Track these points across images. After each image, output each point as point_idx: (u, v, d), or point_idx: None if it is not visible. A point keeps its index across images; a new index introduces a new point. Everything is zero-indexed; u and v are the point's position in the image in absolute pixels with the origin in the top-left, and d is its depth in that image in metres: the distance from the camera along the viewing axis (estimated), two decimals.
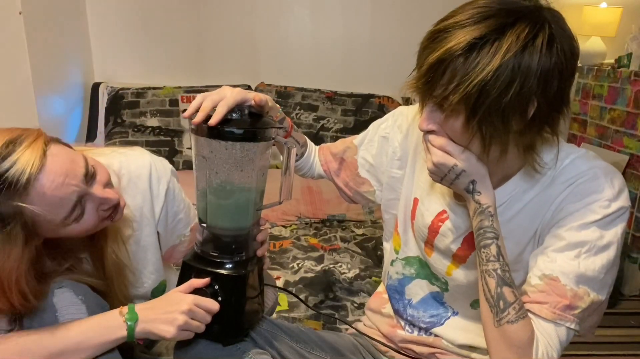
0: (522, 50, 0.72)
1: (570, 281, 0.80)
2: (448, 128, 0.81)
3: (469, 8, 0.76)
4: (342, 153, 1.15)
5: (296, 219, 2.14)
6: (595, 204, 0.81)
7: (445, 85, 0.75)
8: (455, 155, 0.81)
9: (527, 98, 0.74)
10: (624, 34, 2.56)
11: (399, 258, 1.08)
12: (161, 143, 2.52)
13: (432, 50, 0.76)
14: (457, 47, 0.73)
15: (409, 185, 1.05)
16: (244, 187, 0.89)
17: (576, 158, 0.85)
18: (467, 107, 0.75)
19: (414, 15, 2.79)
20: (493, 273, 0.81)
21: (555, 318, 0.80)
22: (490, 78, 0.72)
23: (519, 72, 0.72)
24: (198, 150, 0.87)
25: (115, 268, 0.93)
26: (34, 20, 2.07)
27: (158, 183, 0.99)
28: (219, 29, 2.76)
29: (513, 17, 0.73)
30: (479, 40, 0.72)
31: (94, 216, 0.83)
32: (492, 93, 0.73)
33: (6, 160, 0.73)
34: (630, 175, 2.29)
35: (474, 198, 0.83)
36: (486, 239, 0.82)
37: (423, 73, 0.77)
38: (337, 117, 2.64)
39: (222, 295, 0.88)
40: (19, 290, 0.77)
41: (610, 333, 2.01)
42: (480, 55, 0.72)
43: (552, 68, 0.74)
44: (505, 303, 0.79)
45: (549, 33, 0.73)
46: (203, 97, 0.82)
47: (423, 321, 1.04)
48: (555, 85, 0.75)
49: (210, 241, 0.93)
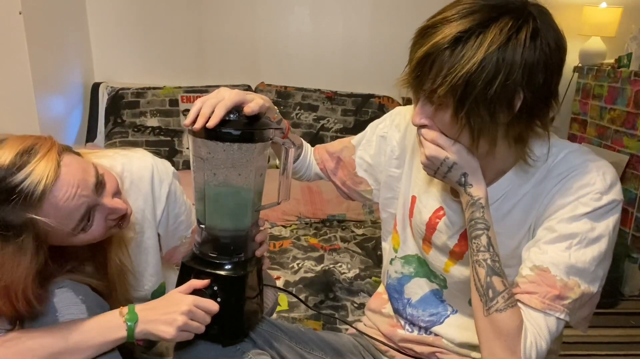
0: (506, 43, 0.74)
1: (561, 272, 0.81)
2: (438, 121, 0.83)
3: (456, 4, 0.79)
4: (339, 152, 1.16)
5: (296, 219, 2.14)
6: (586, 197, 0.82)
7: (433, 78, 0.77)
8: (446, 148, 0.83)
9: (512, 90, 0.76)
10: (624, 34, 2.56)
11: (397, 256, 1.09)
12: (161, 143, 2.52)
13: (421, 45, 0.79)
14: (443, 40, 0.75)
15: (407, 183, 1.06)
16: (242, 188, 0.89)
17: (569, 152, 0.86)
18: (454, 99, 0.77)
19: (414, 15, 2.77)
20: (483, 262, 0.82)
21: (544, 308, 0.80)
22: (475, 70, 0.74)
23: (503, 64, 0.74)
24: (196, 152, 0.86)
25: (118, 272, 0.93)
26: (34, 20, 2.07)
27: (160, 185, 0.99)
28: (219, 28, 2.76)
29: (497, 12, 0.76)
30: (463, 34, 0.75)
31: (102, 226, 0.83)
32: (477, 85, 0.75)
33: (21, 171, 0.72)
34: (630, 175, 2.29)
35: (465, 191, 0.85)
36: (477, 230, 0.84)
37: (413, 68, 0.80)
38: (337, 117, 2.64)
39: (222, 296, 0.88)
40: (25, 297, 0.77)
41: (610, 333, 2.01)
42: (465, 48, 0.75)
43: (536, 61, 0.75)
44: (494, 292, 0.80)
45: (532, 27, 0.75)
46: (202, 102, 0.82)
47: (422, 320, 1.04)
48: (541, 78, 0.77)
49: (209, 242, 0.93)
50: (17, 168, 0.72)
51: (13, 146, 0.75)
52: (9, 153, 0.74)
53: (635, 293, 2.29)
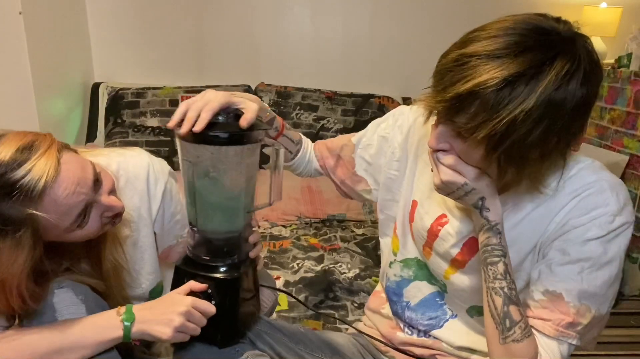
0: (557, 89, 0.69)
1: (574, 298, 0.81)
2: (462, 152, 0.78)
3: (502, 33, 0.71)
4: (339, 150, 1.14)
5: (296, 219, 2.14)
6: (601, 219, 0.80)
7: (471, 118, 0.72)
8: (465, 174, 0.79)
9: (551, 135, 0.73)
10: (624, 34, 2.56)
11: (397, 260, 1.08)
12: (161, 143, 2.52)
13: (461, 78, 0.71)
14: (491, 82, 0.69)
15: (408, 187, 1.04)
16: (233, 190, 0.88)
17: (582, 168, 0.84)
18: (490, 141, 0.72)
19: (414, 15, 2.79)
20: (500, 291, 0.81)
21: (558, 335, 0.81)
22: (521, 117, 0.69)
23: (549, 112, 0.70)
24: (184, 155, 0.86)
25: (113, 270, 0.93)
26: (34, 20, 2.07)
27: (156, 183, 0.99)
28: (219, 28, 2.75)
29: (552, 52, 0.70)
30: (515, 78, 0.69)
31: (97, 223, 0.84)
32: (519, 131, 0.70)
33: (22, 167, 0.73)
34: (630, 175, 2.29)
35: (482, 214, 0.82)
36: (493, 256, 0.82)
37: (447, 99, 0.72)
38: (337, 117, 2.64)
39: (216, 299, 0.88)
40: (19, 294, 0.77)
41: (610, 333, 2.01)
42: (514, 92, 0.69)
43: (582, 109, 0.72)
44: (511, 321, 0.80)
45: (583, 73, 0.71)
46: (187, 106, 0.81)
47: (421, 324, 1.04)
48: (580, 122, 0.74)
49: (202, 245, 0.93)
50: (17, 164, 0.73)
51: (13, 142, 0.75)
52: (8, 149, 0.74)
53: (635, 293, 2.28)
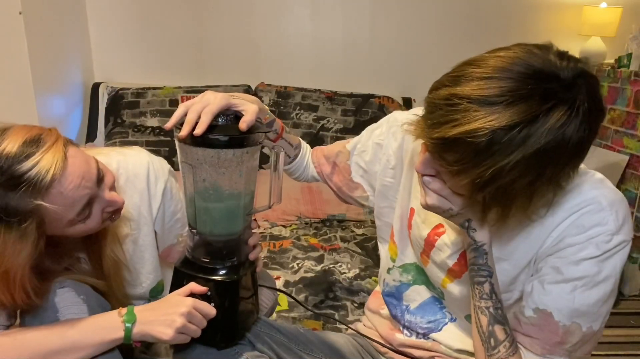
0: (549, 141, 0.66)
1: (564, 318, 0.80)
2: (448, 181, 0.77)
3: (497, 76, 0.67)
4: (334, 157, 1.13)
5: (296, 219, 2.14)
6: (597, 238, 0.78)
7: (456, 161, 0.70)
8: (451, 202, 0.78)
9: (540, 179, 0.71)
10: (624, 34, 2.56)
11: (395, 266, 1.07)
12: (161, 143, 2.52)
13: (450, 120, 0.68)
14: (480, 132, 0.66)
15: (405, 194, 1.03)
16: (233, 192, 0.88)
17: (582, 183, 0.80)
18: (474, 185, 0.71)
19: (414, 15, 2.79)
20: (485, 310, 0.83)
21: (545, 353, 0.82)
22: (508, 168, 0.67)
23: (540, 159, 0.67)
24: (184, 157, 0.85)
25: (113, 268, 0.93)
26: (34, 20, 2.07)
27: (155, 182, 0.99)
28: (219, 28, 2.75)
29: (549, 103, 0.66)
30: (506, 131, 0.65)
31: (98, 217, 0.85)
32: (505, 179, 0.69)
33: (29, 159, 0.74)
34: (630, 175, 2.29)
35: (469, 234, 0.82)
36: (480, 276, 0.83)
37: (434, 139, 0.70)
38: (337, 117, 2.64)
39: (216, 301, 0.88)
40: (22, 287, 0.78)
41: (610, 333, 2.01)
42: (502, 144, 0.66)
43: (576, 149, 0.69)
44: (496, 341, 0.82)
45: (582, 116, 0.67)
46: (186, 108, 0.80)
47: (420, 327, 1.03)
48: (574, 162, 0.72)
49: (201, 247, 0.93)
50: (25, 156, 0.73)
51: (19, 134, 0.76)
52: (15, 141, 0.74)
53: (635, 293, 2.28)
